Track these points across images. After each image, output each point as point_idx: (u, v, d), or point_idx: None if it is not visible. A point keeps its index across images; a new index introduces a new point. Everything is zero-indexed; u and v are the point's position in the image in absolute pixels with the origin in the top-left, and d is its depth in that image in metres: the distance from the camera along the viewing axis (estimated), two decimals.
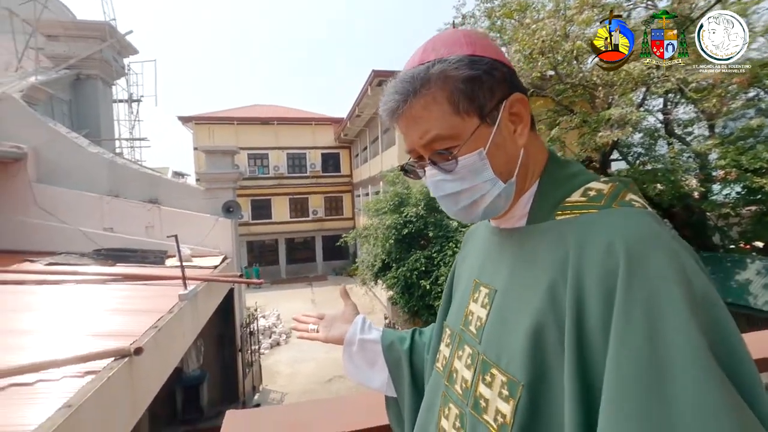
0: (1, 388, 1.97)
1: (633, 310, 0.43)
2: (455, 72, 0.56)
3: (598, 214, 0.52)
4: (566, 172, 0.61)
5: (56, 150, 6.41)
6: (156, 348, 2.94)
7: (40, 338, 2.76)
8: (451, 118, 0.56)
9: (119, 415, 2.32)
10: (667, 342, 0.41)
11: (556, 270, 0.51)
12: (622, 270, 0.45)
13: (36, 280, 4.36)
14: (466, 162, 0.57)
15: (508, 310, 0.57)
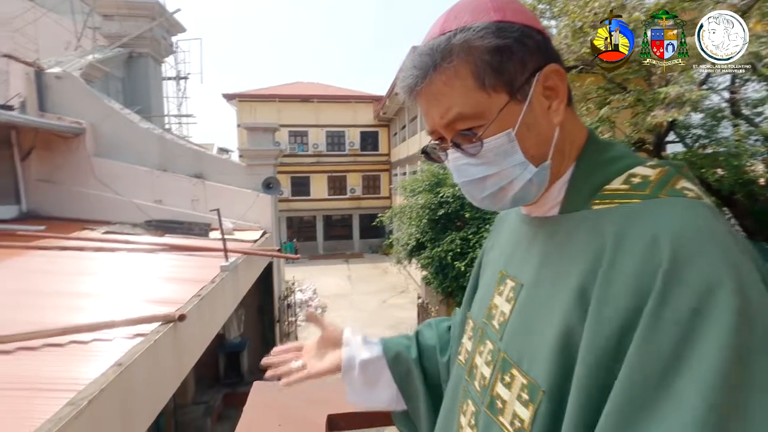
0: (62, 345, 2.16)
1: (663, 326, 0.37)
2: (480, 42, 0.49)
3: (642, 204, 0.45)
4: (607, 155, 0.53)
5: (111, 125, 6.79)
6: (198, 315, 3.12)
7: (96, 301, 3.00)
8: (476, 94, 0.50)
9: (165, 375, 2.50)
10: (684, 380, 0.35)
11: (589, 265, 0.45)
12: (663, 273, 0.38)
13: (94, 247, 4.71)
14: (492, 144, 0.50)
15: (534, 307, 0.52)
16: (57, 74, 6.61)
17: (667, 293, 0.38)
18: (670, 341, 0.36)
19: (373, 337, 0.80)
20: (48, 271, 3.74)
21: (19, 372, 1.83)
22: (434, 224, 6.82)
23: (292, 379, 0.74)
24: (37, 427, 1.41)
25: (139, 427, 2.17)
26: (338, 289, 14.16)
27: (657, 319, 0.37)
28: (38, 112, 6.42)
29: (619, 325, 0.40)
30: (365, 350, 0.76)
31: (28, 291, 3.08)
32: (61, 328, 2.30)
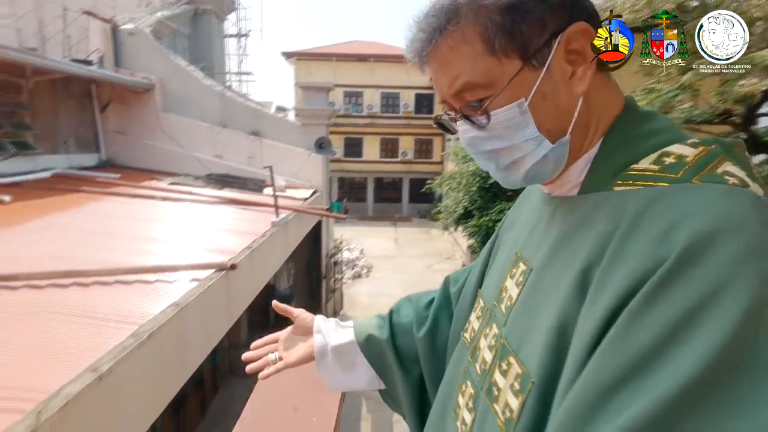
0: (129, 283, 2.41)
1: (649, 321, 0.33)
2: (490, 0, 0.44)
3: (669, 188, 0.39)
4: (643, 128, 0.46)
5: (177, 82, 7.13)
6: (249, 266, 3.33)
7: (161, 246, 3.29)
8: (486, 59, 0.45)
9: (216, 318, 2.73)
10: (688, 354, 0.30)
11: (596, 250, 0.40)
12: (667, 265, 0.33)
13: (161, 197, 5.11)
14: (502, 116, 0.46)
15: (539, 292, 0.48)
16: (130, 30, 6.97)
17: (664, 288, 0.33)
18: (651, 337, 0.32)
19: (349, 321, 0.81)
20: (121, 215, 4.13)
21: (93, 303, 2.07)
22: (484, 193, 6.64)
23: (268, 373, 0.74)
24: (104, 353, 1.61)
25: (193, 360, 2.41)
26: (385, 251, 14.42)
27: (642, 314, 0.33)
28: (114, 67, 6.86)
29: (608, 315, 0.36)
30: (337, 336, 0.75)
31: (104, 233, 3.43)
32: (129, 267, 2.57)
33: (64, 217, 3.71)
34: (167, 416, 4.52)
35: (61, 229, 3.33)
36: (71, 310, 1.97)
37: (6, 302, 1.96)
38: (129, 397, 1.70)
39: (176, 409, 4.78)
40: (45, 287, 2.18)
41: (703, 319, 0.31)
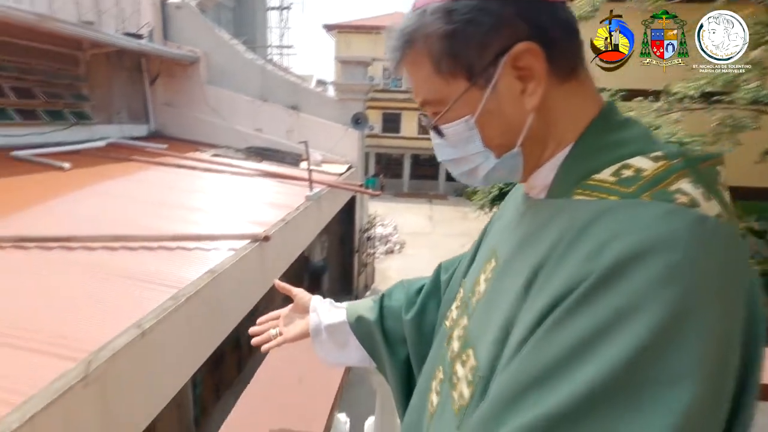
0: (171, 249, 2.60)
1: (561, 332, 0.35)
2: (432, 27, 0.47)
3: (618, 203, 0.40)
4: (613, 137, 0.46)
5: (220, 55, 7.31)
6: (282, 238, 3.48)
7: (201, 215, 3.48)
8: (435, 80, 0.49)
9: (249, 286, 2.90)
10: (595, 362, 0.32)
11: (545, 255, 0.42)
12: (591, 281, 0.35)
13: (203, 168, 5.35)
14: (451, 130, 0.50)
15: (499, 290, 0.51)
16: (177, 4, 7.16)
17: (586, 300, 0.35)
18: (567, 344, 0.34)
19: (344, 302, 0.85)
20: (166, 185, 4.39)
21: (138, 266, 2.26)
22: None
23: (268, 346, 0.80)
24: (147, 312, 1.78)
25: (227, 323, 2.59)
26: (419, 228, 14.44)
27: (562, 322, 0.36)
28: (162, 40, 7.11)
29: (535, 319, 0.38)
30: (331, 315, 0.80)
31: (151, 201, 3.67)
32: (172, 235, 2.76)
33: (115, 185, 3.99)
34: (208, 371, 4.89)
35: (113, 196, 3.59)
36: (120, 271, 2.17)
37: (65, 261, 2.18)
38: (168, 352, 1.88)
39: (216, 365, 5.15)
40: (97, 249, 2.39)
41: (615, 332, 0.33)
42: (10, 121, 4.59)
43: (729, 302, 0.35)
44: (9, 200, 2.96)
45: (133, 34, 6.52)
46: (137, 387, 1.66)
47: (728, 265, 0.36)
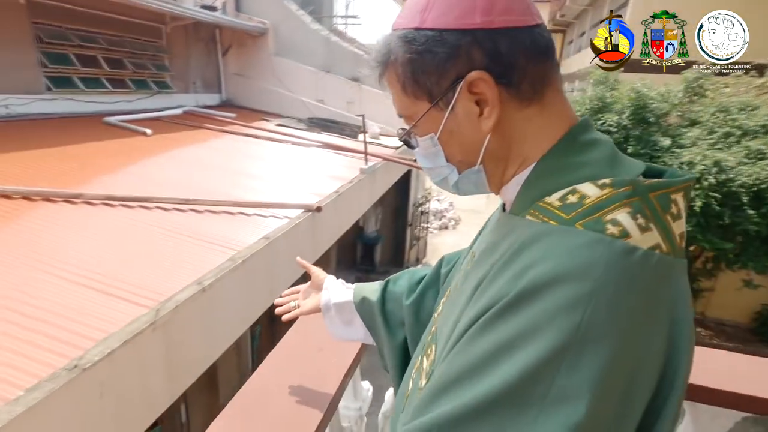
0: (233, 214, 2.83)
1: (477, 343, 0.40)
2: (397, 52, 0.51)
3: (554, 228, 0.42)
4: (573, 160, 0.47)
5: (287, 27, 7.47)
6: (334, 209, 3.62)
7: (262, 183, 3.71)
8: (404, 98, 0.53)
9: (301, 252, 3.06)
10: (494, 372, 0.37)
11: (489, 269, 0.46)
12: (508, 297, 0.39)
13: (267, 137, 5.63)
14: (422, 144, 0.55)
15: (460, 293, 0.54)
16: None
17: (496, 319, 0.39)
18: (474, 357, 0.39)
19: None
20: (233, 152, 4.69)
21: (203, 228, 2.50)
22: None
23: (288, 317, 0.89)
24: (208, 270, 1.98)
25: (279, 285, 2.79)
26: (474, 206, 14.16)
27: (475, 337, 0.40)
28: (235, 12, 7.41)
29: (466, 328, 0.42)
30: (340, 294, 0.86)
31: (218, 166, 3.96)
32: (234, 201, 2.99)
33: (189, 151, 4.35)
34: (265, 326, 5.32)
35: (187, 161, 3.93)
36: (187, 231, 2.41)
37: (143, 219, 2.46)
38: (225, 308, 2.09)
39: (271, 321, 5.58)
40: (170, 210, 2.67)
41: (515, 350, 0.36)
42: (103, 89, 5.11)
43: (636, 333, 0.37)
44: (101, 162, 3.35)
45: (209, 7, 6.85)
46: (197, 335, 1.89)
47: (648, 296, 0.38)
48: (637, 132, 5.60)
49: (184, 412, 3.87)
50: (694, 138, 5.60)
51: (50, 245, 1.96)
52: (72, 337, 1.39)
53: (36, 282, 1.66)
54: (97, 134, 4.10)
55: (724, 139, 5.41)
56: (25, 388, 1.16)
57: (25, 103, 4.26)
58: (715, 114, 5.73)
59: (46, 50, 4.48)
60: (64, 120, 4.48)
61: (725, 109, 5.68)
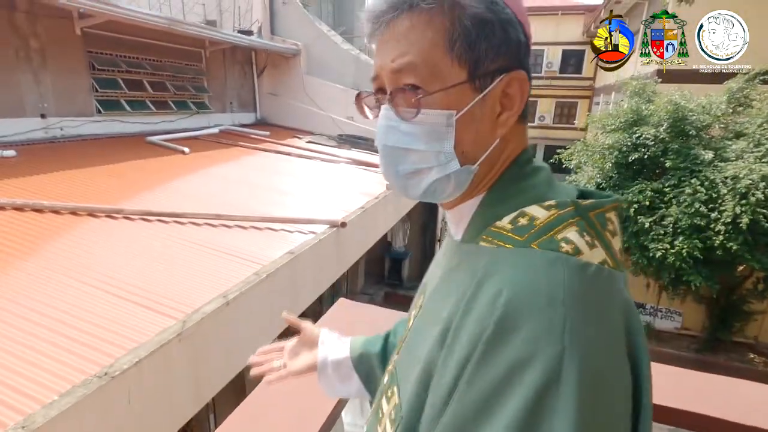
0: (260, 229, 2.92)
1: (477, 384, 0.38)
2: (472, 3, 0.43)
3: (510, 251, 0.42)
4: (520, 185, 0.47)
5: (319, 47, 7.74)
6: (359, 225, 3.67)
7: (291, 198, 3.82)
8: (439, 52, 0.44)
9: (325, 267, 3.13)
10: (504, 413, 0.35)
11: (455, 306, 0.43)
12: (487, 335, 0.38)
13: (298, 154, 5.80)
14: (429, 117, 0.45)
15: (419, 331, 0.51)
16: (284, 0, 7.73)
17: (486, 354, 0.38)
18: (476, 401, 0.38)
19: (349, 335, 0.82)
20: (265, 168, 4.86)
21: (232, 243, 2.60)
22: (622, 169, 5.85)
23: (272, 378, 0.75)
24: (233, 284, 2.06)
25: (303, 300, 2.85)
26: None
27: (473, 377, 0.38)
28: (269, 35, 7.75)
29: (453, 375, 0.40)
30: (337, 351, 0.77)
31: (251, 183, 4.12)
32: (262, 216, 3.09)
33: (223, 168, 4.55)
34: None
35: (221, 178, 4.11)
36: (217, 246, 2.51)
37: (176, 233, 2.59)
38: (248, 321, 2.15)
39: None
40: (202, 225, 2.80)
41: (508, 392, 0.36)
42: (147, 110, 5.45)
43: (604, 345, 0.37)
44: (141, 179, 3.56)
45: (245, 31, 7.21)
46: (221, 346, 1.95)
47: (607, 307, 0.39)
48: (676, 145, 5.38)
49: (213, 420, 3.97)
50: (739, 151, 5.32)
51: (89, 257, 2.10)
52: (104, 345, 1.48)
53: (73, 291, 1.78)
54: (139, 153, 4.37)
55: None
56: (60, 393, 1.25)
57: (77, 126, 4.61)
58: (763, 125, 5.43)
59: (97, 76, 4.85)
60: (111, 140, 4.81)
61: None
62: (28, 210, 2.52)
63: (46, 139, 4.29)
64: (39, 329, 1.52)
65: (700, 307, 7.09)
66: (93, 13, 4.19)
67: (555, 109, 19.37)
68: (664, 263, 5.29)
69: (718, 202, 4.94)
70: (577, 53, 18.52)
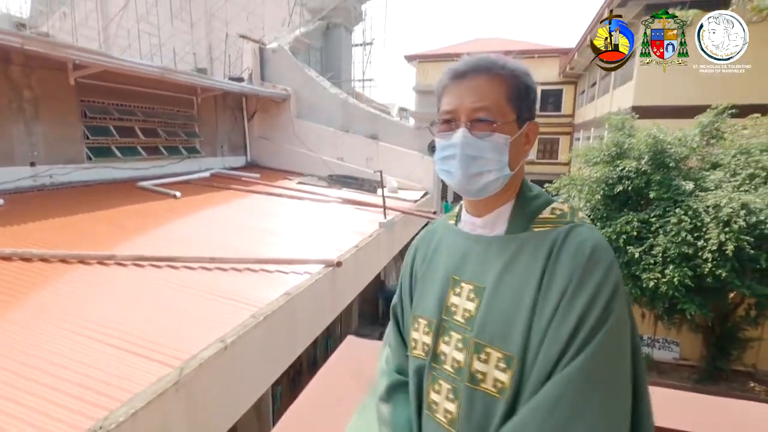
0: (255, 271, 2.88)
1: (585, 284, 0.64)
2: (523, 77, 0.73)
3: (569, 227, 0.70)
4: (533, 193, 0.77)
5: (308, 91, 7.98)
6: (354, 263, 3.64)
7: (285, 239, 3.80)
8: (503, 101, 0.71)
9: (321, 307, 3.08)
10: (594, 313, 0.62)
11: (542, 265, 0.67)
12: (585, 260, 0.65)
13: (289, 195, 5.82)
14: (496, 138, 0.71)
15: (500, 302, 0.69)
16: (273, 49, 8.03)
17: (585, 272, 0.64)
18: (583, 302, 0.63)
19: None
20: (257, 210, 4.86)
21: (227, 286, 2.55)
22: (609, 201, 6.00)
23: None
24: (231, 328, 2.00)
25: (300, 342, 2.77)
26: None
27: (577, 288, 0.64)
28: (260, 81, 7.99)
29: (557, 296, 0.64)
30: None
31: (243, 225, 4.10)
32: (257, 258, 3.05)
33: (215, 211, 4.53)
34: (285, 386, 5.18)
35: (213, 221, 4.09)
36: (212, 289, 2.46)
37: (170, 278, 2.53)
38: (247, 366, 2.08)
39: (293, 381, 5.44)
40: (196, 269, 2.75)
41: (604, 289, 0.63)
42: (138, 156, 5.48)
43: None
44: (134, 224, 3.52)
45: (236, 78, 7.43)
46: (219, 394, 1.87)
47: None
48: (658, 177, 5.56)
49: None
50: (717, 181, 5.51)
51: (81, 306, 2.04)
52: (97, 398, 1.41)
53: (65, 342, 1.71)
54: (130, 198, 4.34)
55: (749, 181, 5.30)
56: None
57: (67, 173, 4.60)
58: (737, 156, 5.67)
59: (89, 124, 4.89)
60: (101, 186, 4.78)
61: (746, 151, 5.62)
62: (16, 259, 2.45)
63: (34, 187, 4.25)
64: (30, 384, 1.44)
65: (697, 336, 7.06)
66: (88, 64, 4.29)
67: (538, 145, 19.99)
68: (657, 293, 5.31)
69: (703, 230, 5.06)
70: (555, 92, 19.40)
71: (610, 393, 0.61)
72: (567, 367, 0.61)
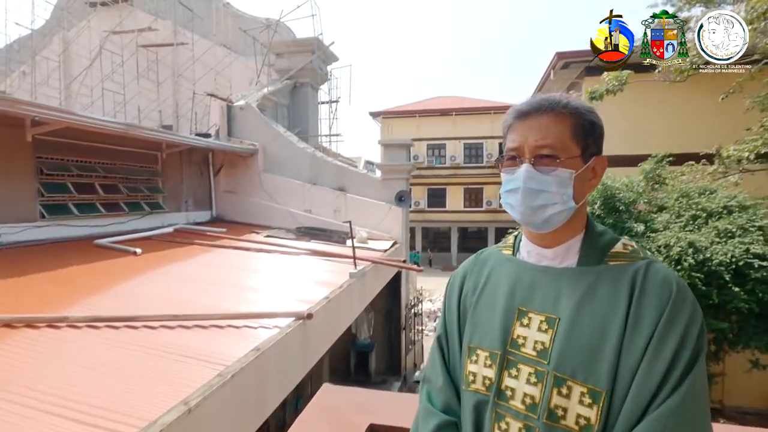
0: (222, 327, 2.75)
1: (676, 321, 0.65)
2: (586, 113, 0.77)
3: (645, 262, 0.72)
4: (599, 229, 0.80)
5: (276, 146, 8.11)
6: (325, 316, 3.55)
7: (252, 294, 3.68)
8: (567, 138, 0.75)
9: (293, 363, 2.94)
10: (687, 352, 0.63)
11: (626, 299, 0.68)
12: (673, 296, 0.67)
13: (257, 248, 5.70)
14: (559, 172, 0.75)
15: (581, 334, 0.70)
16: (241, 106, 8.21)
17: (675, 310, 0.66)
18: (675, 339, 0.64)
19: None
20: (223, 265, 4.71)
21: (191, 344, 2.41)
22: None
23: None
24: (195, 389, 1.87)
25: (270, 401, 2.61)
26: None
27: (669, 325, 0.65)
28: (227, 137, 8.06)
29: (648, 332, 0.65)
30: None
31: (208, 281, 3.95)
32: (223, 314, 2.93)
33: (179, 267, 4.36)
34: None
35: (176, 277, 3.92)
36: (175, 349, 2.32)
37: (128, 339, 2.37)
38: (213, 429, 1.93)
39: None
40: (157, 328, 2.59)
41: (688, 337, 0.65)
42: (97, 213, 5.27)
43: None
44: (87, 284, 3.32)
45: (203, 134, 7.47)
46: None
47: None
48: (611, 220, 5.90)
49: None
50: (664, 222, 5.90)
51: (26, 374, 1.86)
52: None
53: (6, 416, 1.54)
54: (86, 257, 4.13)
55: (692, 221, 5.71)
56: None
57: (17, 232, 4.34)
58: (679, 199, 6.14)
59: (45, 181, 4.72)
60: (55, 245, 4.53)
61: (686, 194, 6.11)
62: None
63: None
64: None
65: None
66: (48, 121, 4.22)
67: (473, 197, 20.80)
68: None
69: None
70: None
71: (703, 430, 0.63)
72: (662, 406, 0.61)
